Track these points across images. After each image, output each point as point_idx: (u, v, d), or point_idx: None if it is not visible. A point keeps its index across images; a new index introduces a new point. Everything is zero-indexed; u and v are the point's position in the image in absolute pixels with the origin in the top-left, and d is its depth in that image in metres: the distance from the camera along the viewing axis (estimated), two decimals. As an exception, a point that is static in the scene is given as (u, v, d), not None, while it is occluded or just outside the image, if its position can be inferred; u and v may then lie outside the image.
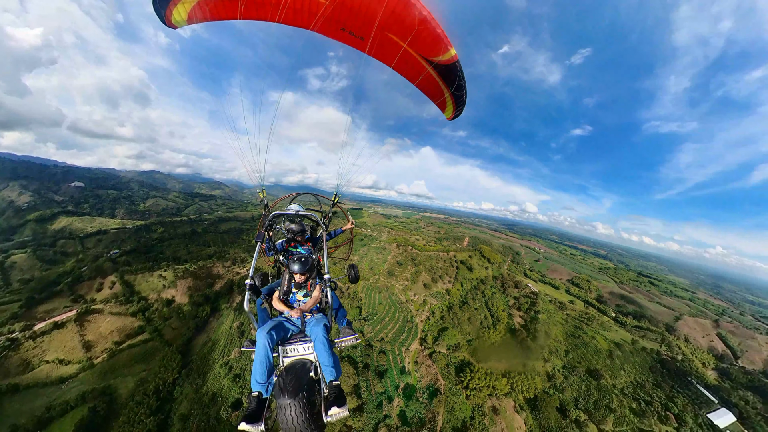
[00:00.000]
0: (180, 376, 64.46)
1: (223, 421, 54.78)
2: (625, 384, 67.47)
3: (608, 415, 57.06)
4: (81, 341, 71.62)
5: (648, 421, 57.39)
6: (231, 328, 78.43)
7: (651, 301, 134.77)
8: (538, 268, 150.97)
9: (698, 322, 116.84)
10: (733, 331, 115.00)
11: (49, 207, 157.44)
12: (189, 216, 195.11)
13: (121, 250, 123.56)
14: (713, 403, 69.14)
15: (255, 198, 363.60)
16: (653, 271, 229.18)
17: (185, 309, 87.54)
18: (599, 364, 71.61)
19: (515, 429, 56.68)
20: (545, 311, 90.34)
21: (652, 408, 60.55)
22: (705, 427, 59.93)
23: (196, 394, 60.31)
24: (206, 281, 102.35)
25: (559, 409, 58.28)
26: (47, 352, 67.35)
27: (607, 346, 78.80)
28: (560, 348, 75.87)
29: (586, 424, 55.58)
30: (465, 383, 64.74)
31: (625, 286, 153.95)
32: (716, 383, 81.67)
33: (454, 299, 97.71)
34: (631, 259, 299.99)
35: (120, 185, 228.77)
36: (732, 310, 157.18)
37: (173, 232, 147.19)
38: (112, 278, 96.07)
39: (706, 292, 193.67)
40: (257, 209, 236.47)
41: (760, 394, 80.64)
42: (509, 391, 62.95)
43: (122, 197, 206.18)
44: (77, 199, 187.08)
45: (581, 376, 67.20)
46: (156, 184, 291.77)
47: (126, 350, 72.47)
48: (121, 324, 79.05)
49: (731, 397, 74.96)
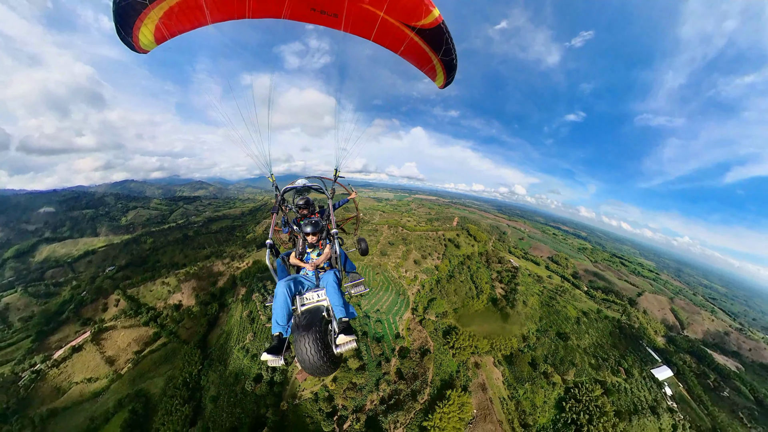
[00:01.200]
0: (203, 367, 70.92)
1: (249, 393, 62.59)
2: (588, 345, 78.74)
3: (571, 368, 67.94)
4: (103, 358, 75.13)
5: (603, 373, 68.77)
6: (241, 318, 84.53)
7: (619, 279, 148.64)
8: (521, 246, 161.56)
9: (656, 298, 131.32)
10: (684, 307, 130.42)
11: (24, 239, 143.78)
12: (176, 222, 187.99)
13: (117, 266, 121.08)
14: (657, 361, 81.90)
15: (241, 194, 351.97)
16: (626, 254, 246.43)
17: (194, 309, 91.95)
18: (568, 328, 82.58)
19: (494, 379, 66.99)
20: (524, 284, 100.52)
21: (607, 363, 72.05)
22: (647, 379, 72.18)
23: (221, 378, 67.22)
24: (209, 280, 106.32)
25: (530, 364, 68.72)
26: (73, 374, 70.52)
27: (576, 313, 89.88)
28: (535, 315, 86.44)
29: (552, 374, 66.42)
30: (451, 344, 74.16)
31: (599, 265, 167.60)
32: (663, 347, 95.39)
33: (443, 274, 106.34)
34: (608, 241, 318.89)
35: (94, 202, 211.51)
36: (687, 290, 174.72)
37: (164, 240, 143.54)
38: (114, 296, 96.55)
39: (668, 275, 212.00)
40: (246, 205, 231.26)
41: (696, 357, 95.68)
42: (489, 349, 72.88)
43: (100, 215, 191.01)
44: (52, 224, 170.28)
45: (551, 338, 77.95)
46: (133, 194, 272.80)
47: (148, 356, 77.27)
48: (136, 335, 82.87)
49: (673, 358, 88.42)
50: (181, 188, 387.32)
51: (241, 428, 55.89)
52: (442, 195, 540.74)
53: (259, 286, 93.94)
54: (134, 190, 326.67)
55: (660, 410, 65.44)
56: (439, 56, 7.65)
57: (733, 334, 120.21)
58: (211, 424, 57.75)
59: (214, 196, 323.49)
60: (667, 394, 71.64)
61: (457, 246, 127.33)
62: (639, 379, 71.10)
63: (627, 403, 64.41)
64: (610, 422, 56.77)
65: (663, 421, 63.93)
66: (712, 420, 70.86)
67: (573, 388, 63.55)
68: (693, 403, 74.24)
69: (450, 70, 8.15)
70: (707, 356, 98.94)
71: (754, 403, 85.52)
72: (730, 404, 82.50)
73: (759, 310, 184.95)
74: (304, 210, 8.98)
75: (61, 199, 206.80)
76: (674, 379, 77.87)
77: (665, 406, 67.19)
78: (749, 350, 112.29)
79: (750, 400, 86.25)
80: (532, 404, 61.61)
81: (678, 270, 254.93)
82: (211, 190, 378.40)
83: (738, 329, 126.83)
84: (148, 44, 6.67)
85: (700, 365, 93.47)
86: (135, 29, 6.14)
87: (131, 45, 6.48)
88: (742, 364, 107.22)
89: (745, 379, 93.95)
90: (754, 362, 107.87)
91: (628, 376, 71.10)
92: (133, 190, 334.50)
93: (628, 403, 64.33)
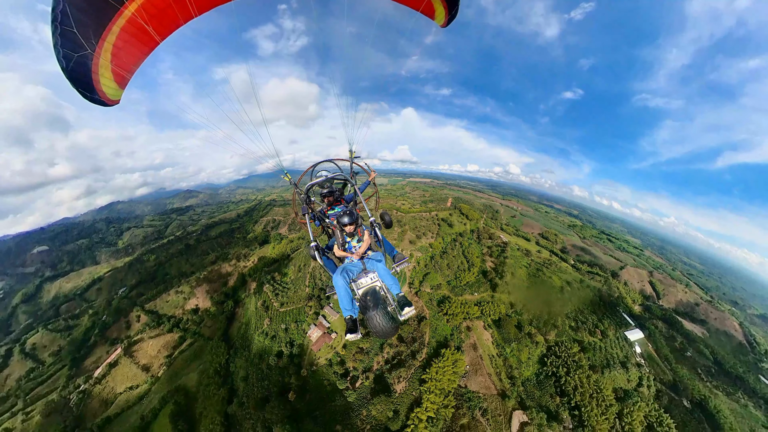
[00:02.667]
0: (230, 356, 78.49)
1: (273, 367, 71.29)
2: (570, 310, 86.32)
3: (552, 329, 75.44)
4: (139, 367, 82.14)
5: (581, 334, 76.62)
6: (257, 308, 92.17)
7: (605, 254, 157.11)
8: (513, 224, 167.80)
9: (637, 271, 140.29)
10: (661, 280, 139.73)
11: (26, 283, 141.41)
12: (174, 234, 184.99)
13: (128, 287, 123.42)
14: (631, 325, 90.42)
15: (233, 196, 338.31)
16: (614, 231, 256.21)
17: (212, 310, 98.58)
18: (553, 296, 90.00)
19: (484, 340, 74.32)
20: (513, 257, 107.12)
21: (585, 326, 79.87)
22: (620, 340, 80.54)
23: (248, 360, 75.36)
24: (219, 282, 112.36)
25: (517, 326, 76.04)
26: (116, 386, 78.13)
27: (560, 283, 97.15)
28: (523, 285, 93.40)
29: (535, 335, 74.06)
30: (445, 311, 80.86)
31: (587, 241, 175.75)
32: (639, 314, 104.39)
33: (436, 251, 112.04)
34: (599, 219, 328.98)
35: (86, 231, 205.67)
36: (667, 266, 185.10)
37: (167, 254, 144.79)
38: (134, 313, 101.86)
39: (652, 251, 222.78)
40: (241, 206, 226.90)
41: (667, 323, 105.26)
42: (480, 315, 79.82)
43: (95, 242, 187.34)
44: (49, 262, 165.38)
45: (537, 305, 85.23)
46: (123, 216, 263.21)
47: (179, 357, 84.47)
48: (164, 342, 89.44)
49: (646, 323, 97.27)
50: (170, 201, 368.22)
51: (271, 396, 64.06)
52: (436, 177, 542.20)
53: (268, 278, 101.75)
54: (123, 212, 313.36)
55: (629, 365, 74.03)
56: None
57: (703, 305, 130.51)
58: (245, 398, 65.92)
59: (206, 202, 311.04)
60: (637, 352, 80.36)
61: (450, 225, 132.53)
62: (613, 339, 79.41)
63: (601, 359, 72.69)
64: (584, 374, 64.55)
65: (631, 374, 72.59)
66: (674, 375, 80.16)
67: (554, 346, 71.21)
68: (659, 360, 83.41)
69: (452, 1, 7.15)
70: (677, 322, 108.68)
71: (713, 363, 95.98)
72: (692, 362, 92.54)
73: (730, 286, 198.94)
74: (329, 198, 9.08)
75: (51, 235, 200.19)
76: (645, 340, 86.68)
77: (634, 362, 75.87)
78: (715, 319, 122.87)
79: (710, 360, 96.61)
80: (518, 360, 69.28)
81: (662, 248, 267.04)
82: (202, 197, 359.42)
83: (708, 301, 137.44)
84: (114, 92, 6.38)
85: (670, 330, 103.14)
86: (96, 84, 5.83)
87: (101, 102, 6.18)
88: (707, 331, 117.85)
89: (708, 344, 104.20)
90: (718, 330, 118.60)
91: (604, 337, 79.31)
92: (122, 211, 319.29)
93: (602, 359, 72.62)
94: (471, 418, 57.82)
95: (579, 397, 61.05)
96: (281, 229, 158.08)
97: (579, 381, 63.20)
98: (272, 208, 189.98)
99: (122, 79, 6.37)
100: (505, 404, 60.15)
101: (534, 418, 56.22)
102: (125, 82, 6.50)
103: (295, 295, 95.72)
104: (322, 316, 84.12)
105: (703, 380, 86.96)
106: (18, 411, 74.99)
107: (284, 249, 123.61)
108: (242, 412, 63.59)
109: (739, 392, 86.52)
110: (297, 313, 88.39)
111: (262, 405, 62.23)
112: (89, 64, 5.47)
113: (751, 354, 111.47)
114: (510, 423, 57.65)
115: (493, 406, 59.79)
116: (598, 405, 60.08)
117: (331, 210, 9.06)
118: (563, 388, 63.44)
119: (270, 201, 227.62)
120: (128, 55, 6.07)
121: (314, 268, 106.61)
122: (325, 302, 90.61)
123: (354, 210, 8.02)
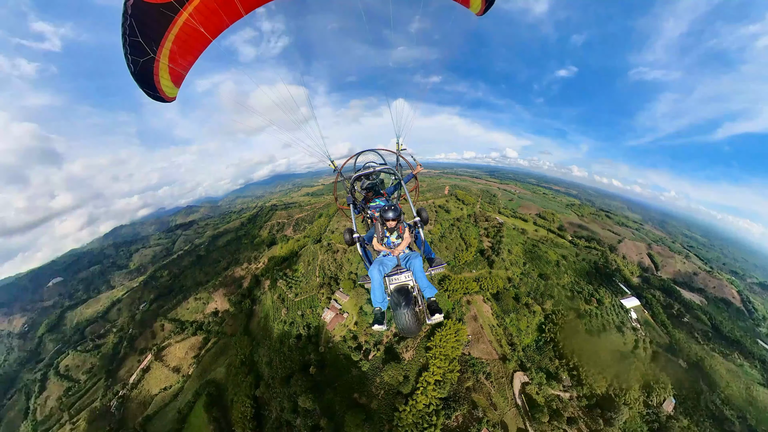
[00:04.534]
0: (253, 347, 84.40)
1: (294, 348, 77.11)
2: (566, 282, 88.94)
3: (549, 300, 78.17)
4: (170, 369, 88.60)
5: (576, 303, 79.30)
6: (273, 301, 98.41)
7: (603, 229, 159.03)
8: (511, 206, 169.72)
9: (635, 244, 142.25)
10: (660, 252, 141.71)
11: (48, 314, 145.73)
12: (182, 249, 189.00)
13: (148, 302, 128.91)
14: (627, 293, 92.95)
15: (233, 206, 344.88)
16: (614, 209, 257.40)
17: (231, 310, 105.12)
18: (549, 270, 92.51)
19: (484, 312, 77.45)
20: (509, 236, 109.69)
21: (581, 295, 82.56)
22: (616, 307, 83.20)
23: (270, 348, 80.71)
24: (234, 285, 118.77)
25: (514, 299, 78.86)
26: (151, 389, 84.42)
27: (556, 257, 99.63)
28: (519, 261, 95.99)
29: (533, 305, 76.88)
30: (446, 288, 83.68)
31: (585, 218, 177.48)
32: (637, 285, 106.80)
33: (435, 236, 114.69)
34: (599, 198, 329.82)
35: (96, 258, 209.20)
36: (667, 239, 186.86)
37: (179, 267, 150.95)
38: (158, 323, 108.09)
39: (652, 226, 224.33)
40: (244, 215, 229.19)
41: (665, 292, 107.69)
42: (479, 290, 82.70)
43: (107, 267, 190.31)
44: (66, 293, 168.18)
45: (534, 279, 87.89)
46: (129, 239, 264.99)
47: (205, 355, 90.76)
48: (189, 344, 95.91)
49: (644, 293, 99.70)
50: (172, 218, 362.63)
51: (294, 372, 70.03)
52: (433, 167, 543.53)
53: (281, 274, 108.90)
54: (128, 235, 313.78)
55: (625, 329, 76.86)
56: None
57: (702, 275, 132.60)
58: (271, 380, 71.47)
59: (208, 216, 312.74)
60: (632, 317, 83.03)
61: (447, 211, 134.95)
62: (609, 306, 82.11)
63: (597, 324, 75.49)
64: (581, 338, 67.47)
65: (627, 338, 75.38)
66: (671, 338, 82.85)
67: (551, 314, 74.08)
68: (655, 325, 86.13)
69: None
70: (675, 291, 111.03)
71: (711, 328, 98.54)
72: (689, 327, 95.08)
73: (731, 257, 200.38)
74: (370, 192, 9.12)
75: (64, 266, 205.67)
76: (641, 307, 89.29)
77: (629, 326, 78.61)
78: (713, 287, 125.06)
79: (707, 325, 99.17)
80: (517, 329, 72.35)
81: (663, 222, 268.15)
82: (203, 211, 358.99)
83: (707, 271, 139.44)
84: (171, 90, 7.23)
85: (668, 298, 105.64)
86: (157, 84, 6.73)
87: (161, 98, 7.13)
88: (705, 299, 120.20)
89: (706, 310, 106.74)
90: (716, 297, 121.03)
91: (600, 304, 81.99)
92: (127, 234, 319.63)
93: (598, 325, 75.43)
94: (476, 381, 61.77)
95: (576, 359, 63.99)
96: (286, 230, 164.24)
97: (576, 345, 66.08)
98: (275, 212, 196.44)
99: (178, 78, 7.26)
100: (506, 367, 63.72)
101: (534, 378, 59.40)
102: (180, 80, 7.39)
103: (307, 285, 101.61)
104: (334, 300, 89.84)
105: (700, 343, 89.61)
106: (65, 422, 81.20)
107: (292, 247, 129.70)
108: (269, 393, 69.54)
109: (735, 353, 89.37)
110: (311, 300, 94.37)
111: (287, 381, 68.31)
112: (152, 66, 6.39)
113: (749, 320, 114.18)
114: (512, 383, 61.21)
115: (495, 369, 63.46)
116: (595, 365, 63.04)
117: (372, 202, 9.01)
118: (561, 351, 66.43)
119: (271, 206, 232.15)
120: (184, 56, 6.91)
121: (323, 261, 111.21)
122: (335, 287, 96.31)
123: (398, 205, 7.94)
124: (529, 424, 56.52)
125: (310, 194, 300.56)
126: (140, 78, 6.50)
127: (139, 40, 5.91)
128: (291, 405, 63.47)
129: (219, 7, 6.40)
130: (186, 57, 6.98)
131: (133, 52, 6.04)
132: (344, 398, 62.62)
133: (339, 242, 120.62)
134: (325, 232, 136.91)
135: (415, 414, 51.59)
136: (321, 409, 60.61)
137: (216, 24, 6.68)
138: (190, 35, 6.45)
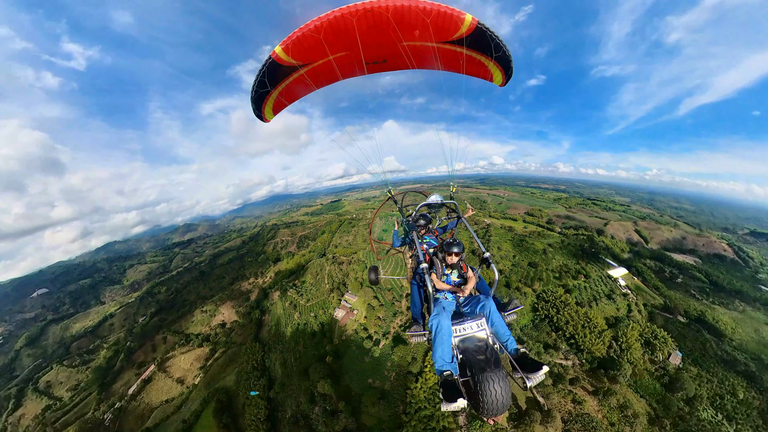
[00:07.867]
0: (264, 352, 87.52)
1: (308, 344, 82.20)
2: (554, 267, 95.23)
3: (538, 282, 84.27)
4: (173, 380, 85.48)
5: (564, 280, 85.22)
6: (285, 308, 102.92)
7: (590, 216, 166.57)
8: (500, 209, 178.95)
9: (621, 224, 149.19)
10: (646, 227, 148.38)
11: (28, 327, 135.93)
12: (181, 267, 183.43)
13: (148, 315, 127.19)
14: (613, 266, 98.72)
15: (232, 225, 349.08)
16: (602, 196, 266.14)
17: (240, 321, 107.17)
18: (537, 258, 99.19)
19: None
20: (497, 235, 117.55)
21: (568, 273, 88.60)
22: (604, 278, 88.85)
23: (283, 350, 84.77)
24: (242, 298, 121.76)
25: (505, 286, 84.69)
26: (152, 401, 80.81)
27: (542, 246, 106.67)
28: (509, 255, 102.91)
29: (523, 288, 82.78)
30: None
31: (573, 209, 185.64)
32: (627, 258, 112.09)
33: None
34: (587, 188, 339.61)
35: (87, 271, 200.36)
36: (655, 214, 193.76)
37: (180, 283, 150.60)
38: (160, 336, 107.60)
39: (641, 205, 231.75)
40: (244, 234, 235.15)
41: (657, 259, 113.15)
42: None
43: (98, 282, 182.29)
44: (51, 306, 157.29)
45: (524, 267, 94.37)
46: (123, 255, 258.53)
47: (213, 365, 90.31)
48: (195, 355, 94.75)
49: (635, 264, 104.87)
50: (169, 236, 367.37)
51: (312, 364, 74.48)
52: (425, 181, 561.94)
53: (290, 285, 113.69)
54: (122, 251, 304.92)
55: (615, 296, 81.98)
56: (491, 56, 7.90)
57: (690, 237, 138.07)
58: (287, 378, 75.22)
59: (207, 234, 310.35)
60: (621, 284, 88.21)
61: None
62: (596, 278, 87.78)
63: (587, 296, 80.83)
64: (573, 310, 72.80)
65: (619, 304, 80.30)
66: (665, 299, 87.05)
67: (541, 294, 79.72)
68: (647, 289, 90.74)
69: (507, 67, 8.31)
70: (666, 257, 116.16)
71: (709, 284, 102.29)
72: (684, 287, 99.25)
73: (722, 217, 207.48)
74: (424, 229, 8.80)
75: (51, 277, 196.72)
76: (629, 275, 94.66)
77: (619, 293, 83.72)
78: (703, 246, 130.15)
79: (705, 282, 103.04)
80: (514, 314, 77.39)
81: (651, 200, 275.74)
82: (202, 230, 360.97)
83: (696, 234, 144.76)
84: (269, 115, 9.26)
85: (659, 264, 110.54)
86: (263, 109, 8.83)
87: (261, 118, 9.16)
88: (699, 258, 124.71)
89: (701, 269, 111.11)
90: (709, 254, 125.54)
91: (587, 278, 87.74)
92: (120, 251, 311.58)
93: (588, 296, 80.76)
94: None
95: (572, 329, 68.95)
96: (290, 247, 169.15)
97: (569, 316, 71.32)
98: (278, 230, 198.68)
99: (278, 108, 9.24)
100: (506, 346, 67.73)
101: (531, 348, 63.89)
102: (279, 110, 9.35)
103: (317, 291, 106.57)
104: (344, 301, 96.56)
105: (698, 299, 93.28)
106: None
107: (298, 261, 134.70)
108: (284, 392, 72.07)
109: (736, 301, 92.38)
110: (322, 303, 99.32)
111: (305, 374, 72.34)
112: (264, 97, 8.50)
113: (746, 269, 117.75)
114: (513, 359, 64.84)
115: (496, 349, 67.36)
116: (591, 332, 67.80)
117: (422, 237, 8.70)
118: (557, 325, 71.39)
119: (273, 225, 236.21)
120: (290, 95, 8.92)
121: (330, 271, 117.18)
122: (344, 290, 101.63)
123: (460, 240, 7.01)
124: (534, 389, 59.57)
125: (310, 213, 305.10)
126: (254, 101, 8.54)
127: (265, 80, 7.90)
128: (308, 397, 66.69)
129: (324, 73, 8.44)
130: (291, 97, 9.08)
131: (258, 86, 8.05)
132: (359, 383, 66.84)
133: (343, 255, 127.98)
134: (329, 247, 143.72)
135: (426, 390, 55.59)
136: (337, 395, 64.49)
137: (319, 82, 8.86)
138: (300, 83, 8.48)
